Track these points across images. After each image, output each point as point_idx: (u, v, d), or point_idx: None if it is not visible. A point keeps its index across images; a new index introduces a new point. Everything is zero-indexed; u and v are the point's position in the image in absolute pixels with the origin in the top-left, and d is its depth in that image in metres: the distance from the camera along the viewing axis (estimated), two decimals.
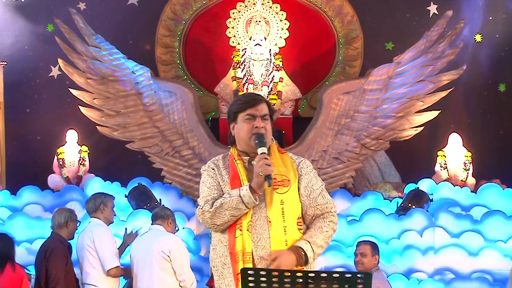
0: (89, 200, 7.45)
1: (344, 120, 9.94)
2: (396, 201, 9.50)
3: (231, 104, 4.19)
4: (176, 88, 10.00)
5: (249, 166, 4.09)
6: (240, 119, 4.10)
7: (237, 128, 4.11)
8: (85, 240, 7.19)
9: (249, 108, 4.07)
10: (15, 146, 11.10)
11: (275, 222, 3.98)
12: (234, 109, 4.11)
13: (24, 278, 6.92)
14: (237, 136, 4.12)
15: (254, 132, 4.05)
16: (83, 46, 10.05)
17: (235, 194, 3.97)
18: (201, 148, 9.89)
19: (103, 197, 7.42)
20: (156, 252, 6.91)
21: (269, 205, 4.00)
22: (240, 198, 3.95)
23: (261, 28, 10.53)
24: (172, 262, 6.91)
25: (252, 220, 3.98)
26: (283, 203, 4.02)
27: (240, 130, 4.09)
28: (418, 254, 8.84)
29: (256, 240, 3.96)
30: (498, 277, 8.72)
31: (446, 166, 10.07)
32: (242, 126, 4.08)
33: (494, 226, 8.90)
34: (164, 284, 6.91)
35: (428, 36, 9.91)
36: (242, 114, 4.08)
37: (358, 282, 3.57)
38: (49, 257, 7.09)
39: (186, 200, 9.77)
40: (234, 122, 4.12)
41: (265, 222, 3.98)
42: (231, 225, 4.00)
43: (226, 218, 3.98)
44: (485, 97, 11.27)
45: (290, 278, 3.56)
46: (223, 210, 3.97)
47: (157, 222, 7.20)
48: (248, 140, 4.07)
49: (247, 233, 3.97)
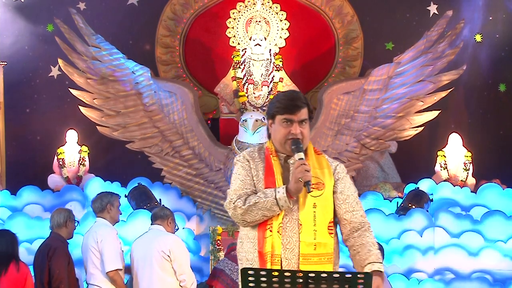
0: (96, 199, 7.41)
1: (344, 120, 9.94)
2: (396, 201, 9.51)
3: (271, 101, 4.15)
4: (176, 88, 10.00)
5: (284, 164, 4.07)
6: (278, 121, 4.06)
7: (274, 128, 4.08)
8: (89, 240, 7.19)
9: (287, 113, 4.03)
10: (15, 146, 11.10)
11: (306, 225, 3.96)
12: (273, 110, 4.08)
13: (28, 276, 6.91)
14: (273, 135, 4.10)
15: (289, 138, 4.02)
16: (83, 46, 10.04)
17: (270, 196, 3.93)
18: (201, 148, 9.89)
19: (110, 196, 7.40)
20: (156, 252, 6.91)
21: (301, 208, 3.97)
22: (276, 201, 3.91)
23: (261, 28, 10.53)
24: (172, 262, 6.91)
25: (283, 222, 3.95)
26: (316, 206, 4.00)
27: (277, 132, 4.07)
28: (418, 254, 8.84)
29: (285, 243, 3.93)
30: (498, 277, 8.73)
31: (446, 166, 10.08)
32: (279, 129, 4.05)
33: (494, 226, 8.91)
34: (164, 284, 6.91)
35: (428, 36, 9.90)
36: (280, 117, 4.04)
37: (359, 282, 3.57)
38: (51, 256, 7.09)
39: (186, 200, 9.78)
40: (272, 121, 4.09)
41: (295, 224, 3.96)
42: (261, 224, 3.97)
43: (257, 217, 3.94)
44: (485, 97, 11.27)
45: (290, 278, 3.56)
46: (256, 209, 3.92)
47: (156, 222, 7.20)
48: (284, 144, 4.04)
49: (278, 235, 3.94)
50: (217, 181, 9.82)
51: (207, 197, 9.86)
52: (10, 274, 6.79)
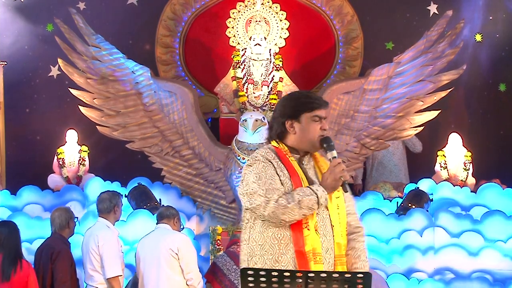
0: (103, 200, 7.38)
1: (344, 120, 9.94)
2: (396, 201, 9.51)
3: (291, 100, 4.10)
4: (176, 88, 10.00)
5: (300, 165, 4.05)
6: (306, 119, 4.02)
7: (300, 127, 4.02)
8: (90, 242, 7.19)
9: (317, 109, 4.03)
10: (15, 146, 11.10)
11: (337, 226, 3.99)
12: (300, 107, 4.03)
13: (30, 276, 6.88)
14: (299, 135, 4.03)
15: (321, 135, 4.02)
16: (83, 46, 10.04)
17: (310, 194, 3.89)
18: (201, 148, 9.89)
19: (117, 197, 7.41)
20: (164, 250, 6.91)
21: (330, 208, 3.99)
22: (317, 199, 3.89)
23: (261, 28, 10.52)
24: (180, 260, 6.91)
25: (318, 221, 3.95)
26: (339, 208, 4.03)
27: (307, 130, 4.01)
28: (418, 254, 8.84)
29: (322, 242, 3.93)
30: (498, 277, 8.73)
31: (446, 166, 10.07)
32: (310, 127, 4.01)
33: (494, 226, 8.90)
34: (171, 282, 6.91)
35: (428, 36, 9.90)
36: (309, 114, 4.01)
37: (358, 282, 3.57)
38: (55, 259, 7.10)
39: (186, 200, 9.78)
40: (295, 120, 4.03)
41: (328, 225, 3.97)
42: (295, 223, 3.91)
43: (297, 216, 3.88)
44: (485, 97, 11.27)
45: (289, 278, 3.56)
46: (297, 207, 3.86)
47: (163, 221, 7.20)
48: (315, 141, 4.02)
49: (316, 233, 3.92)
50: (217, 181, 9.82)
51: (207, 197, 9.86)
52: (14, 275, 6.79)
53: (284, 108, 4.09)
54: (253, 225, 3.97)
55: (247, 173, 3.99)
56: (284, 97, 4.21)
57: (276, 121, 4.08)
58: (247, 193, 3.94)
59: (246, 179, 3.97)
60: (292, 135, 4.04)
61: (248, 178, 3.96)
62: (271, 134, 4.11)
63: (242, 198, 3.98)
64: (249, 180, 3.95)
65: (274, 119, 4.10)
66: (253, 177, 3.95)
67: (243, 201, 3.97)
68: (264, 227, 3.94)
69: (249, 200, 3.93)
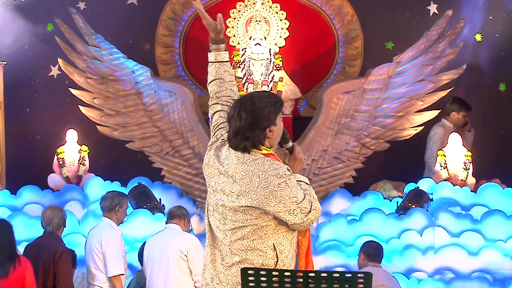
0: (106, 198, 7.40)
1: (344, 119, 9.95)
2: (396, 200, 9.51)
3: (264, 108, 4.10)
4: (176, 88, 10.00)
5: None
6: (278, 119, 4.16)
7: (276, 129, 4.12)
8: (93, 241, 7.19)
9: (282, 107, 4.21)
10: (15, 146, 11.09)
11: None
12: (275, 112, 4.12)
13: (27, 272, 6.86)
14: (275, 136, 4.13)
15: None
16: (83, 46, 10.05)
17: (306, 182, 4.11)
18: (201, 148, 9.89)
19: (120, 198, 7.41)
20: (173, 251, 6.89)
21: None
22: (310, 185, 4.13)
23: (261, 28, 10.52)
24: (188, 262, 6.89)
25: None
26: None
27: (279, 130, 4.15)
28: (418, 254, 8.84)
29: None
30: (498, 276, 8.73)
31: (446, 166, 10.07)
32: (281, 126, 4.15)
33: (494, 226, 8.90)
34: (179, 283, 6.90)
35: (428, 36, 9.90)
36: (280, 114, 4.19)
37: (359, 282, 3.57)
38: (58, 260, 7.09)
39: (186, 200, 9.77)
40: (273, 124, 4.11)
41: None
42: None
43: None
44: (485, 97, 11.26)
45: (290, 278, 3.56)
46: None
47: (173, 221, 7.18)
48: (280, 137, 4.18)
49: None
50: None
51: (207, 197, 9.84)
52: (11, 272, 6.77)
53: (262, 117, 4.08)
54: (276, 231, 3.98)
55: (282, 189, 3.95)
56: (251, 108, 4.11)
57: (253, 130, 4.05)
58: (294, 209, 3.96)
59: (283, 196, 3.94)
60: (270, 138, 4.11)
61: (286, 194, 3.95)
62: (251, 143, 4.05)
63: (288, 215, 3.94)
64: (287, 196, 3.95)
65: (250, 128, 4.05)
66: (291, 192, 3.96)
67: (290, 218, 3.95)
68: (287, 232, 4.00)
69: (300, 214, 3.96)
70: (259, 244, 3.93)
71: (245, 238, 3.96)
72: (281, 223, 3.95)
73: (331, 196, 9.76)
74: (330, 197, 9.76)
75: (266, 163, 3.98)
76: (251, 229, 3.96)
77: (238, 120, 4.08)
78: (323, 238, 9.07)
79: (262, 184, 3.92)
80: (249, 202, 3.95)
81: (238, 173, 4.02)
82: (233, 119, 4.11)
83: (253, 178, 3.95)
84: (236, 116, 4.09)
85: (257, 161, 3.99)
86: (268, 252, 3.92)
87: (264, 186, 3.92)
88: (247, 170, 3.98)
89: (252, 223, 3.96)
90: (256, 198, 3.93)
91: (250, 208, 3.96)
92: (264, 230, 3.96)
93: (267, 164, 3.98)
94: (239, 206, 3.99)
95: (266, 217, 3.94)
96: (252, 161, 4.00)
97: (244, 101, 4.17)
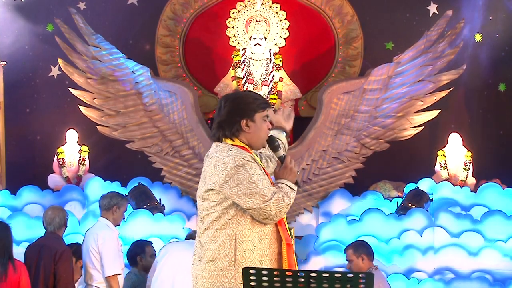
0: (105, 197, 7.38)
1: (344, 120, 9.95)
2: (396, 201, 9.51)
3: (244, 98, 4.15)
4: (176, 88, 10.00)
5: None
6: (259, 118, 4.11)
7: (254, 126, 4.10)
8: (90, 241, 7.17)
9: (267, 109, 4.15)
10: (15, 146, 11.09)
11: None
12: (254, 107, 4.11)
13: (22, 276, 6.84)
14: (253, 134, 4.11)
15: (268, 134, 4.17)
16: (83, 46, 10.05)
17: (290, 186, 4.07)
18: (201, 148, 9.89)
19: (120, 199, 7.37)
20: None
21: None
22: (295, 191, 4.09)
23: (261, 28, 10.53)
24: None
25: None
26: None
27: (260, 130, 4.12)
28: (418, 254, 8.84)
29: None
30: (498, 276, 8.73)
31: (446, 166, 10.08)
32: (262, 127, 4.12)
33: (494, 226, 8.91)
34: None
35: (428, 36, 9.91)
36: (261, 114, 4.11)
37: (360, 282, 3.57)
38: (58, 260, 7.07)
39: (186, 200, 9.78)
40: (250, 119, 4.10)
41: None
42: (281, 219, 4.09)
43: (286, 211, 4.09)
44: (485, 97, 11.26)
45: (292, 278, 3.56)
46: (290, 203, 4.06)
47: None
48: (265, 140, 4.15)
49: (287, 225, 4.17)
50: None
51: None
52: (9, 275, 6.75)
53: (239, 107, 4.13)
54: (240, 222, 4.01)
55: (239, 173, 3.99)
56: (233, 97, 4.22)
57: (229, 120, 4.10)
58: (251, 193, 3.96)
59: (240, 179, 3.98)
60: (247, 133, 4.11)
61: (243, 178, 3.98)
62: (225, 132, 4.11)
63: (244, 198, 3.96)
64: (244, 180, 3.97)
65: (226, 118, 4.10)
66: (250, 177, 3.98)
67: (245, 201, 3.96)
68: (252, 223, 4.00)
69: (258, 199, 3.96)
70: (221, 235, 4.01)
71: (209, 228, 4.04)
72: (245, 214, 4.01)
73: (331, 196, 9.76)
74: (330, 197, 9.76)
75: (231, 150, 4.06)
76: (214, 216, 4.02)
77: (218, 110, 4.18)
78: (323, 238, 9.08)
79: (221, 167, 4.02)
80: (210, 185, 4.04)
81: (207, 161, 4.13)
82: (216, 110, 4.20)
83: (216, 163, 4.04)
84: (218, 106, 4.20)
85: (224, 148, 4.08)
86: (226, 243, 3.99)
87: (222, 168, 4.01)
88: (213, 157, 4.08)
89: (214, 210, 4.03)
90: (214, 180, 4.02)
91: (211, 193, 4.03)
92: (225, 218, 4.01)
93: (231, 151, 4.06)
94: (204, 192, 4.07)
95: (226, 203, 4.01)
96: (221, 149, 4.09)
97: (231, 93, 4.38)
